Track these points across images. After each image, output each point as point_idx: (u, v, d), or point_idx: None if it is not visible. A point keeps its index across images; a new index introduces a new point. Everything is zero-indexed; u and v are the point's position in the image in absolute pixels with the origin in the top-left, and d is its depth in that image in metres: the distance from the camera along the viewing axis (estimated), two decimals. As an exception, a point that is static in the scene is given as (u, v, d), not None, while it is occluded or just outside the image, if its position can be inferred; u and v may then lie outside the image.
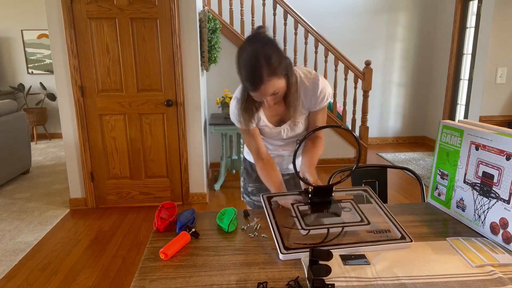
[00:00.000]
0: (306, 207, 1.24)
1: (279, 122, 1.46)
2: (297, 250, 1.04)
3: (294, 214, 1.19)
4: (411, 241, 1.08)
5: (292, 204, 1.25)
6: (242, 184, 1.73)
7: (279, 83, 1.22)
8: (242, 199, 1.76)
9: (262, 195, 1.29)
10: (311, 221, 1.17)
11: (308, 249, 1.02)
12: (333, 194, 1.27)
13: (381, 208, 1.24)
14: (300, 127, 1.47)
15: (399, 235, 1.10)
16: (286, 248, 1.04)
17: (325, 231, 1.12)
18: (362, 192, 1.34)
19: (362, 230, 1.13)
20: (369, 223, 1.15)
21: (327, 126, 1.29)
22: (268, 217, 1.19)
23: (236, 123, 1.46)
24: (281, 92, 1.26)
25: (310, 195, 1.26)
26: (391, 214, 1.20)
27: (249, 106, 1.37)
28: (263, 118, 1.44)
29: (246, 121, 1.41)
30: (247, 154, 1.67)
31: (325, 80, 1.40)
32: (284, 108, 1.41)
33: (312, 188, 1.24)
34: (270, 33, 4.56)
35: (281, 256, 1.03)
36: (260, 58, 1.16)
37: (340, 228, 1.14)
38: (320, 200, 1.25)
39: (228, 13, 4.36)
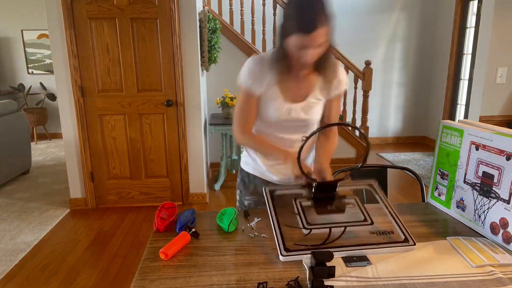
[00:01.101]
0: (309, 203, 1.22)
1: (292, 101, 1.33)
2: (298, 252, 1.03)
3: (296, 211, 1.19)
4: (414, 244, 1.07)
5: (295, 199, 1.23)
6: (238, 197, 1.57)
7: (328, 34, 1.15)
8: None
9: (264, 188, 1.26)
10: (313, 218, 1.16)
11: (308, 251, 1.01)
12: (337, 189, 1.26)
13: (386, 206, 1.23)
14: (314, 113, 1.37)
15: (402, 237, 1.09)
16: (287, 250, 1.04)
17: (327, 231, 1.12)
18: (368, 187, 1.32)
19: (365, 230, 1.13)
20: (372, 223, 1.15)
21: (339, 124, 1.27)
22: (270, 214, 1.17)
23: (242, 80, 1.31)
24: (324, 49, 1.19)
25: (313, 191, 1.23)
26: (395, 213, 1.19)
27: (283, 64, 1.25)
28: (274, 89, 1.31)
29: (257, 80, 1.29)
30: (245, 165, 1.54)
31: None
32: (305, 82, 1.32)
33: (315, 183, 1.21)
34: (270, 33, 4.58)
35: (281, 258, 1.02)
36: (317, 2, 1.11)
37: (343, 228, 1.13)
38: (324, 195, 1.24)
39: (228, 13, 4.36)
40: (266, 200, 1.23)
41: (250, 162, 1.51)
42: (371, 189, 1.31)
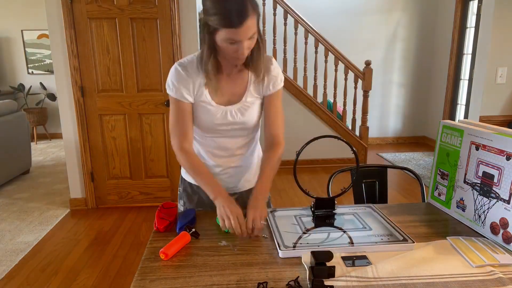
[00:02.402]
0: (309, 219, 1.25)
1: (226, 103, 1.24)
2: (297, 248, 1.04)
3: (296, 222, 1.21)
4: (414, 242, 1.07)
5: (295, 216, 1.26)
6: (181, 209, 1.44)
7: (256, 26, 1.08)
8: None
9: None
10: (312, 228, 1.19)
11: (308, 248, 1.02)
12: (336, 211, 1.28)
13: (384, 219, 1.24)
14: (252, 113, 1.27)
15: (401, 238, 1.10)
16: (286, 246, 1.05)
17: (325, 235, 1.13)
18: (366, 208, 1.34)
19: (364, 235, 1.13)
20: (371, 229, 1.16)
21: (330, 136, 1.26)
22: (268, 217, 1.22)
23: (169, 89, 1.24)
24: (253, 42, 1.12)
25: (312, 208, 1.27)
26: (393, 223, 1.20)
27: (212, 63, 1.16)
28: (205, 93, 1.22)
29: (185, 87, 1.20)
30: (186, 174, 1.41)
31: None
32: (238, 81, 1.24)
33: (313, 201, 1.24)
34: (270, 33, 4.57)
35: (280, 254, 1.03)
36: None
37: (341, 232, 1.14)
38: (324, 213, 1.27)
39: (228, 13, 4.35)
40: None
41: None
42: (371, 210, 1.32)
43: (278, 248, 1.04)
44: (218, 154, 1.33)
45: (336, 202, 1.29)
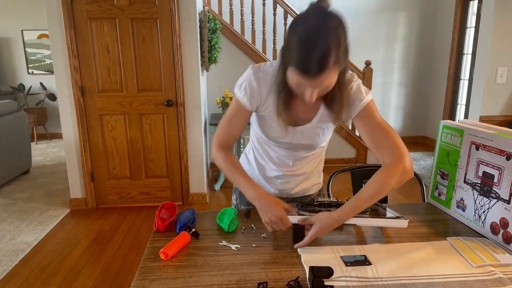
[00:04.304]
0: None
1: (293, 123, 1.16)
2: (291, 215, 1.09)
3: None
4: (407, 220, 1.09)
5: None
6: (234, 202, 1.47)
7: (335, 77, 0.95)
8: None
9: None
10: None
11: (297, 214, 1.08)
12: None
13: (380, 206, 1.24)
14: (320, 137, 1.19)
15: (395, 217, 1.12)
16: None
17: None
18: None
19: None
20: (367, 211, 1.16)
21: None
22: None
23: (238, 89, 1.14)
24: (327, 90, 0.99)
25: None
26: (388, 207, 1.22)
27: (286, 97, 1.05)
28: (272, 109, 1.13)
29: (253, 96, 1.12)
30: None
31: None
32: (306, 106, 1.12)
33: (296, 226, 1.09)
34: (270, 33, 4.58)
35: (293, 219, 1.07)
36: (331, 38, 0.88)
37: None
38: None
39: (228, 13, 4.36)
40: None
41: (248, 169, 1.38)
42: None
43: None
44: (278, 161, 1.28)
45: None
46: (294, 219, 1.09)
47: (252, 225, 1.22)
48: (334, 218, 1.05)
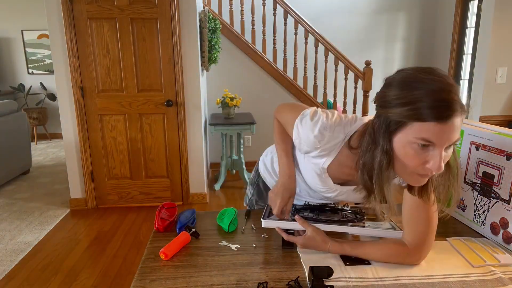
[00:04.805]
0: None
1: (340, 182, 1.08)
2: (279, 220, 1.09)
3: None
4: (401, 230, 1.05)
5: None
6: (249, 194, 1.46)
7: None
8: (245, 205, 1.51)
9: (262, 219, 1.10)
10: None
11: (290, 219, 1.08)
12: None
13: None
14: (355, 197, 1.12)
15: (390, 227, 1.09)
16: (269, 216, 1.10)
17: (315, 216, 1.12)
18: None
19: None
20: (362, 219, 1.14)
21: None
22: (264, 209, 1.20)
23: (300, 122, 1.02)
24: (448, 156, 0.83)
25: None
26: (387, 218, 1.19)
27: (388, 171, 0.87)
28: (323, 161, 1.03)
29: (307, 146, 1.01)
30: (265, 172, 1.39)
31: None
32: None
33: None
34: (270, 33, 4.57)
35: (263, 223, 1.08)
36: (454, 86, 0.82)
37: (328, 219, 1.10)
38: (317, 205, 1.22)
39: (228, 13, 4.35)
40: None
41: (270, 171, 1.36)
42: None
43: (262, 220, 1.08)
44: (303, 193, 1.25)
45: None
46: (291, 225, 1.08)
47: (252, 225, 1.22)
48: (325, 246, 1.02)
